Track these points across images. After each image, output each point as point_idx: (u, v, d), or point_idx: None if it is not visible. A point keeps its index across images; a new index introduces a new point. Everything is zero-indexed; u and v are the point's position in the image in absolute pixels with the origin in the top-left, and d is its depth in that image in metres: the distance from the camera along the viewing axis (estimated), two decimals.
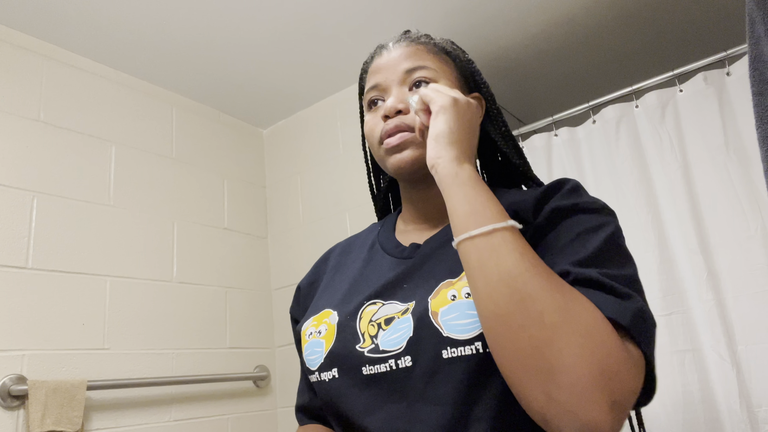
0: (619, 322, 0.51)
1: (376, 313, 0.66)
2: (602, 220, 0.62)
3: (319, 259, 0.89)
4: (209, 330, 1.86)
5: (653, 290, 1.46)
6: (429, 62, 0.74)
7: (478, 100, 0.79)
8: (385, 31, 1.79)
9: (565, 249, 0.58)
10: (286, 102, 2.15)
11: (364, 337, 0.65)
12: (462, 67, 0.79)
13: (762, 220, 1.35)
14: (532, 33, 1.90)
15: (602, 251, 0.58)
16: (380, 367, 0.62)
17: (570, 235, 0.60)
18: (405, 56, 0.74)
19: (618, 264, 0.58)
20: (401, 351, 0.61)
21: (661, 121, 1.55)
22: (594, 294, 0.53)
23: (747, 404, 1.29)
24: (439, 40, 0.79)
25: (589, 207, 0.63)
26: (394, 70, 0.74)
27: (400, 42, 0.77)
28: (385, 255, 0.76)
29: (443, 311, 0.60)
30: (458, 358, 0.58)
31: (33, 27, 1.60)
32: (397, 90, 0.73)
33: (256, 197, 2.23)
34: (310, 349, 0.70)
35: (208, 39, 1.74)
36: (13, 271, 1.43)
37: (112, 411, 1.53)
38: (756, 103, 0.91)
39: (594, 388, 0.47)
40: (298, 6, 1.64)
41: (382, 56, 0.77)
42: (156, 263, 1.77)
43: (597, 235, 0.59)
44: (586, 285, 0.54)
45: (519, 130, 1.86)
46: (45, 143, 1.59)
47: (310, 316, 0.76)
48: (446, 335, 0.59)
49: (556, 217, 0.62)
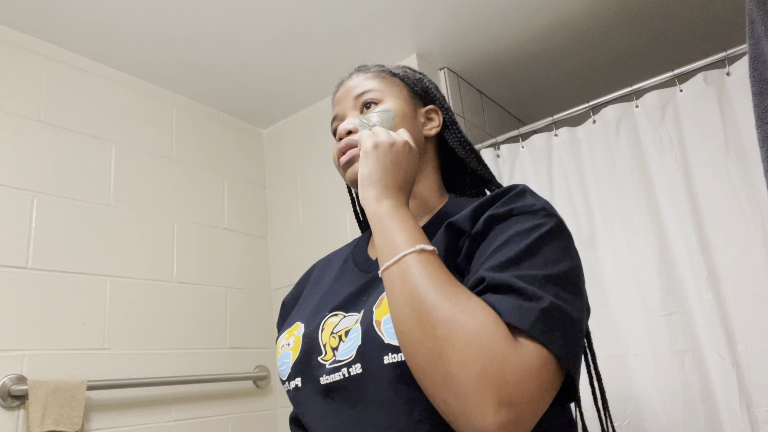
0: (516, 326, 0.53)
1: (337, 324, 0.71)
2: (536, 222, 0.63)
3: (303, 275, 0.95)
4: (209, 330, 1.86)
5: (653, 290, 1.46)
6: (375, 85, 0.83)
7: (435, 111, 0.87)
8: (386, 31, 1.79)
9: (492, 254, 0.61)
10: (286, 102, 2.15)
11: (325, 348, 0.70)
12: (412, 84, 0.86)
13: (762, 220, 1.35)
14: (533, 33, 1.90)
15: (525, 253, 0.60)
16: (335, 376, 0.67)
17: (500, 240, 0.62)
18: (354, 85, 0.84)
19: (539, 264, 0.59)
20: (352, 359, 0.65)
21: (661, 121, 1.55)
22: (501, 299, 0.56)
23: (747, 404, 1.29)
24: (391, 66, 0.88)
25: (524, 210, 0.65)
26: (346, 99, 0.84)
27: (353, 75, 0.87)
28: (354, 269, 0.81)
29: (385, 319, 0.64)
30: (398, 363, 0.61)
31: (33, 27, 1.60)
32: (351, 115, 0.83)
33: (256, 197, 2.23)
34: (281, 361, 0.76)
35: (208, 39, 1.74)
36: (13, 271, 1.43)
37: (112, 411, 1.53)
38: (756, 103, 0.91)
39: (478, 392, 0.50)
40: (298, 6, 1.64)
41: (339, 90, 0.87)
42: (156, 263, 1.77)
43: (526, 237, 0.61)
44: (496, 290, 0.57)
45: (519, 130, 1.86)
46: (45, 143, 1.59)
47: (285, 329, 0.81)
48: (387, 342, 0.62)
49: (490, 223, 0.65)
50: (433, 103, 0.87)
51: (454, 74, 2.07)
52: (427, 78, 0.90)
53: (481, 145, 1.93)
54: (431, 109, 0.86)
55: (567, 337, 0.55)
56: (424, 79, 0.89)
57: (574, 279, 0.61)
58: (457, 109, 2.01)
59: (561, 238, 0.63)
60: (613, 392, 1.49)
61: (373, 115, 0.79)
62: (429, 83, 0.89)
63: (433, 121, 0.86)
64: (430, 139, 0.86)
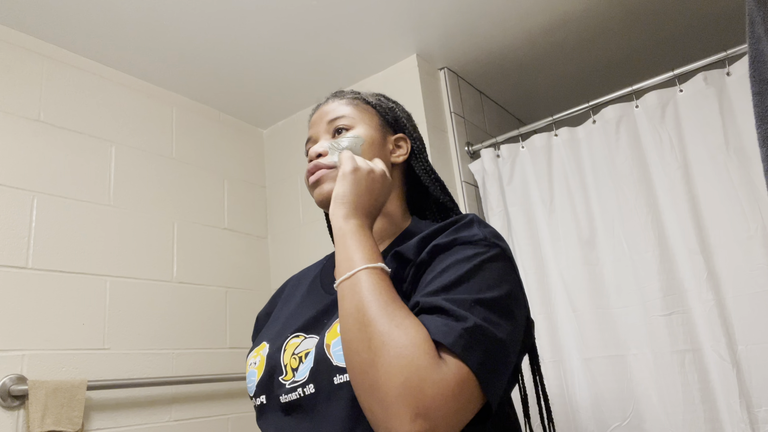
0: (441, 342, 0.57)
1: (298, 346, 0.75)
2: (476, 251, 0.68)
3: (276, 291, 0.99)
4: (209, 330, 1.86)
5: (653, 290, 1.46)
6: (347, 112, 0.88)
7: (404, 140, 0.91)
8: (386, 31, 1.79)
9: (432, 281, 0.66)
10: (286, 102, 2.15)
11: (286, 369, 0.74)
12: (383, 113, 0.91)
13: (762, 220, 1.35)
14: (533, 33, 1.90)
15: (461, 279, 0.64)
16: (293, 395, 0.71)
17: (439, 268, 0.67)
18: (329, 110, 0.89)
19: (472, 290, 0.63)
20: (306, 380, 0.70)
21: (661, 121, 1.55)
22: (431, 319, 0.60)
23: (747, 404, 1.30)
24: (365, 94, 0.93)
25: (466, 240, 0.69)
26: (320, 123, 0.89)
27: (329, 100, 0.92)
28: (320, 290, 0.85)
29: (334, 343, 0.68)
30: (345, 383, 0.66)
31: (33, 27, 1.60)
32: (323, 138, 0.87)
33: (256, 197, 2.23)
34: (249, 378, 0.80)
35: (208, 39, 1.74)
36: (13, 271, 1.43)
37: (112, 411, 1.53)
38: (756, 103, 0.91)
39: (398, 401, 0.54)
40: (298, 6, 1.64)
41: (315, 113, 0.91)
42: (156, 263, 1.77)
43: (463, 265, 0.66)
44: (429, 311, 0.62)
45: (519, 130, 1.86)
46: (45, 143, 1.59)
47: (253, 347, 0.84)
48: (335, 364, 0.67)
49: (434, 252, 0.70)
50: (402, 132, 0.92)
51: (454, 74, 2.07)
52: (400, 107, 0.95)
53: (481, 145, 1.93)
54: (400, 137, 0.91)
55: (488, 356, 0.59)
56: (396, 108, 0.93)
57: (507, 304, 0.64)
58: (457, 109, 2.01)
59: (499, 265, 0.67)
60: (613, 392, 1.49)
61: (343, 140, 0.84)
62: (401, 113, 0.93)
63: (401, 149, 0.90)
64: (398, 166, 0.91)
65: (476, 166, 1.92)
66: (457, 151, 1.93)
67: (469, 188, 1.93)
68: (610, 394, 1.49)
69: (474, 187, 1.95)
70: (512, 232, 1.77)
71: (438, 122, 1.92)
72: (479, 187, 1.91)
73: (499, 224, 1.78)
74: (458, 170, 1.91)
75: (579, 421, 1.52)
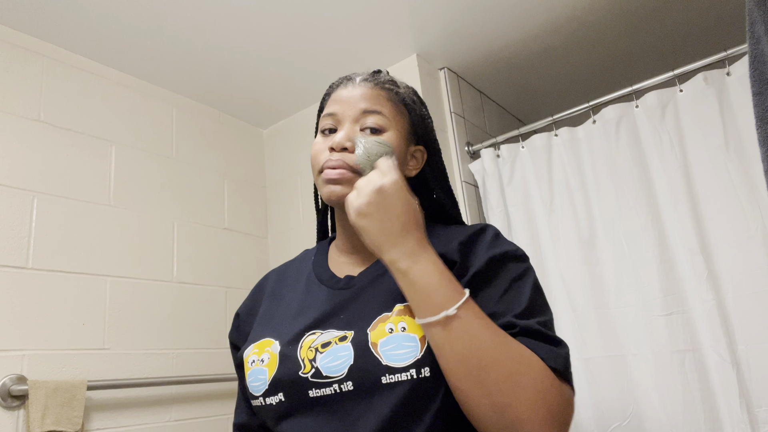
0: (557, 369, 0.64)
1: (315, 341, 0.73)
2: (525, 267, 0.74)
3: (255, 287, 0.93)
4: (209, 330, 1.86)
5: (653, 290, 1.46)
6: (386, 109, 0.79)
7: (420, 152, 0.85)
8: (386, 31, 1.79)
9: (503, 298, 0.69)
10: (286, 102, 2.15)
11: (304, 363, 0.71)
12: (415, 121, 0.83)
13: (762, 220, 1.35)
14: (533, 33, 1.90)
15: (533, 300, 0.70)
16: (325, 391, 0.68)
17: (504, 284, 0.70)
18: (365, 97, 0.79)
19: (544, 310, 0.71)
20: (343, 377, 0.67)
21: (661, 121, 1.55)
22: (536, 345, 0.65)
23: (747, 404, 1.29)
24: (403, 89, 0.83)
25: (515, 255, 0.74)
26: (352, 106, 0.78)
27: (367, 81, 0.81)
28: (321, 286, 0.81)
29: (382, 342, 0.67)
30: (396, 383, 0.65)
31: (33, 27, 1.60)
32: (350, 126, 0.77)
33: (256, 197, 2.23)
34: (254, 376, 0.75)
35: (208, 39, 1.74)
36: (13, 271, 1.43)
37: (112, 411, 1.53)
38: (756, 103, 0.91)
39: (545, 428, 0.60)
40: (298, 6, 1.64)
41: (346, 88, 0.81)
42: (156, 263, 1.77)
43: (525, 284, 0.71)
44: (528, 335, 0.66)
45: (519, 130, 1.86)
46: (45, 143, 1.59)
47: (251, 343, 0.80)
48: (385, 363, 0.66)
49: (492, 265, 0.72)
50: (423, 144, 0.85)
51: (454, 74, 2.07)
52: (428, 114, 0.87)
53: (481, 145, 1.93)
54: (418, 149, 0.84)
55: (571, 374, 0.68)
56: (426, 118, 0.85)
57: None
58: (457, 109, 2.01)
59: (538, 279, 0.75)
60: (613, 392, 1.49)
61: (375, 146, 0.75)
62: (430, 122, 0.86)
63: (415, 161, 0.84)
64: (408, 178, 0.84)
65: (476, 166, 1.92)
66: (457, 151, 1.93)
67: (469, 188, 1.93)
68: (610, 394, 1.49)
69: (474, 187, 1.95)
70: (512, 232, 1.77)
71: (438, 122, 1.92)
72: (479, 187, 1.91)
73: (499, 224, 1.78)
74: (458, 170, 1.91)
75: (579, 421, 1.52)
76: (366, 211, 0.68)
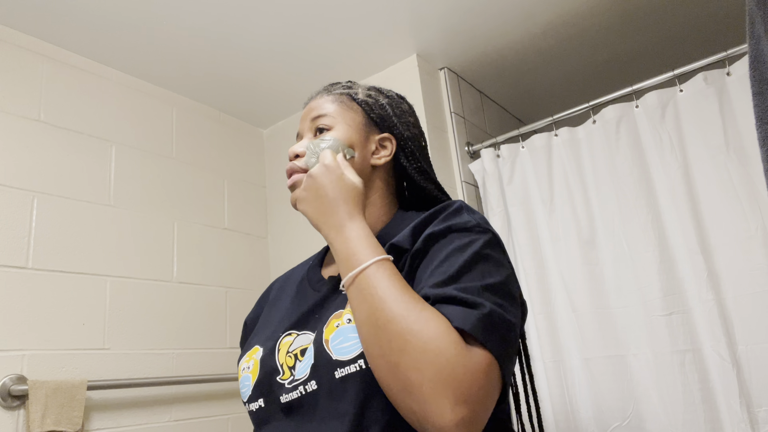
0: (463, 329, 0.58)
1: (292, 344, 0.74)
2: (471, 238, 0.68)
3: (262, 294, 0.97)
4: (209, 330, 1.86)
5: (653, 290, 1.46)
6: (330, 110, 0.84)
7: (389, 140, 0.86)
8: (386, 31, 1.79)
9: (434, 271, 0.66)
10: (286, 102, 2.15)
11: (282, 368, 0.73)
12: (369, 111, 0.86)
13: (762, 220, 1.35)
14: (533, 33, 1.90)
15: (464, 267, 0.64)
16: (293, 394, 0.70)
17: (440, 257, 0.67)
18: (314, 107, 0.86)
19: (477, 276, 0.64)
20: (307, 377, 0.69)
21: (661, 121, 1.55)
22: (447, 308, 0.60)
23: (747, 404, 1.30)
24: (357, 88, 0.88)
25: (461, 227, 0.69)
26: (306, 119, 0.86)
27: (319, 94, 0.88)
28: (309, 289, 0.84)
29: (332, 337, 0.68)
30: (348, 376, 0.65)
31: (33, 27, 1.60)
32: (307, 137, 0.85)
33: (256, 197, 2.23)
34: (242, 383, 0.78)
35: (208, 39, 1.74)
36: (13, 271, 1.43)
37: (112, 411, 1.53)
38: (756, 103, 0.91)
39: (435, 394, 0.55)
40: (298, 6, 1.64)
41: (305, 108, 0.89)
42: (156, 263, 1.77)
43: (464, 253, 0.66)
44: (442, 302, 0.62)
45: (519, 130, 1.86)
46: (45, 143, 1.59)
47: (245, 352, 0.83)
48: (335, 358, 0.67)
49: (429, 241, 0.69)
50: (390, 131, 0.86)
51: (454, 74, 2.07)
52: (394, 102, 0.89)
53: (481, 145, 1.93)
54: (385, 137, 0.85)
55: (504, 339, 0.60)
56: (386, 105, 0.87)
57: (509, 287, 0.66)
58: (457, 109, 2.01)
59: (494, 251, 0.69)
60: (613, 392, 1.49)
61: (321, 143, 0.81)
62: (392, 110, 0.87)
63: (385, 149, 0.85)
64: (381, 167, 0.86)
65: (476, 166, 1.92)
66: (457, 151, 1.93)
67: (469, 188, 1.93)
68: (610, 394, 1.49)
69: (474, 187, 1.95)
70: (512, 232, 1.77)
71: (438, 122, 1.92)
72: (479, 187, 1.91)
73: (499, 224, 1.78)
74: (458, 170, 1.91)
75: (579, 421, 1.52)
76: (302, 197, 0.76)
